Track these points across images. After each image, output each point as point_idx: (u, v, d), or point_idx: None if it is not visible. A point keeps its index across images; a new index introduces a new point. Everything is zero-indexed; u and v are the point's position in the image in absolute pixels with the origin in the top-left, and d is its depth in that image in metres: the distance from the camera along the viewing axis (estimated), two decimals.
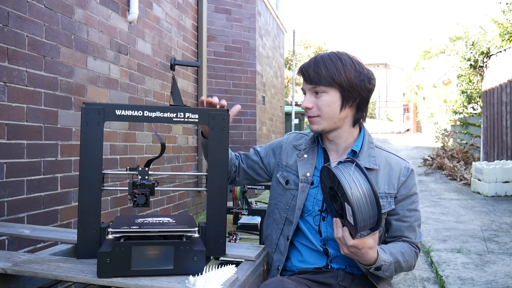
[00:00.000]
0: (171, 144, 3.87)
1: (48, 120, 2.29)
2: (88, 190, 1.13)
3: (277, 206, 1.41)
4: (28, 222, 2.14)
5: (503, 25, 8.68)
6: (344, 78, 1.26)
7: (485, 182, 6.05)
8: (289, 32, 9.80)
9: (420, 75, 23.61)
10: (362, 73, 1.29)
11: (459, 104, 10.83)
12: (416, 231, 1.34)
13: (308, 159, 1.37)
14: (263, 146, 1.54)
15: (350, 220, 1.07)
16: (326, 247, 1.32)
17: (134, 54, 3.24)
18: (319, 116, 1.30)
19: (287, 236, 1.35)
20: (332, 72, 1.26)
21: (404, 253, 1.28)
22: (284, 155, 1.44)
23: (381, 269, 1.19)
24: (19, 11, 2.09)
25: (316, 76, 1.27)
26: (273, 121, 7.33)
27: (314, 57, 1.33)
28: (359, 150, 1.33)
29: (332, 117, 1.30)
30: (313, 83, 1.28)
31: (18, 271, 1.04)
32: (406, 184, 1.32)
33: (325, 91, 1.28)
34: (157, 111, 1.17)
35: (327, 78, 1.26)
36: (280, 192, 1.41)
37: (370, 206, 1.05)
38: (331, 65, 1.27)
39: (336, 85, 1.27)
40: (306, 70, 1.30)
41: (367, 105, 1.35)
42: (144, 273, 1.01)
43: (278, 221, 1.39)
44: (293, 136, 1.49)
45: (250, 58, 5.86)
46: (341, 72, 1.26)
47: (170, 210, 3.83)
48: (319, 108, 1.30)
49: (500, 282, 2.75)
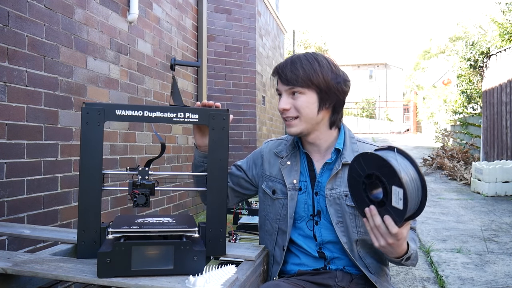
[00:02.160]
0: (171, 144, 3.87)
1: (48, 120, 2.29)
2: (88, 190, 1.13)
3: (268, 217, 1.39)
4: (28, 222, 2.14)
5: (503, 25, 8.68)
6: (322, 79, 1.24)
7: (485, 182, 6.06)
8: (289, 32, 9.80)
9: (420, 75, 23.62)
10: (339, 74, 1.27)
11: (459, 104, 10.83)
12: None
13: (292, 166, 1.34)
14: (243, 160, 1.50)
15: (397, 206, 1.01)
16: (322, 251, 1.31)
17: (134, 54, 3.24)
18: (297, 117, 1.28)
19: (282, 246, 1.34)
20: (309, 73, 1.23)
21: (415, 239, 1.28)
22: (267, 164, 1.41)
23: (410, 258, 1.16)
24: (19, 11, 2.09)
25: (293, 76, 1.24)
26: (273, 121, 7.33)
27: (290, 57, 1.30)
28: (342, 147, 1.31)
29: (311, 118, 1.27)
30: (290, 83, 1.25)
31: (18, 271, 1.04)
32: None
33: (302, 92, 1.25)
34: (157, 111, 1.17)
35: (304, 79, 1.24)
36: (268, 203, 1.39)
37: (417, 191, 1.02)
38: (308, 66, 1.24)
39: (313, 86, 1.24)
40: (282, 71, 1.27)
41: (342, 107, 1.33)
42: (144, 273, 1.01)
43: (271, 232, 1.37)
44: (271, 143, 1.45)
45: (250, 58, 5.86)
46: (318, 73, 1.24)
47: (170, 210, 3.83)
48: (297, 109, 1.27)
49: (500, 282, 2.75)
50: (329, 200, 1.28)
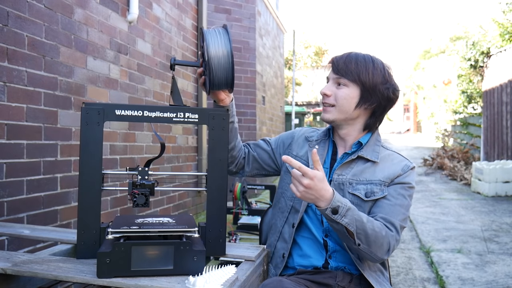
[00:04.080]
0: (171, 144, 3.87)
1: (48, 120, 2.29)
2: (88, 190, 1.13)
3: (284, 195, 1.41)
4: (28, 222, 2.13)
5: (503, 25, 8.67)
6: (370, 78, 1.29)
7: (485, 182, 6.05)
8: (289, 32, 9.80)
9: (420, 75, 23.62)
10: (389, 82, 1.32)
11: (459, 104, 10.84)
12: (398, 213, 1.26)
13: (319, 150, 1.39)
14: (273, 138, 1.55)
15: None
16: (327, 239, 1.32)
17: (134, 54, 3.23)
18: (333, 106, 1.33)
19: (293, 223, 1.35)
20: (360, 69, 1.29)
21: (372, 221, 1.19)
22: (295, 146, 1.46)
23: (338, 212, 1.12)
24: (19, 11, 2.09)
25: (344, 68, 1.30)
26: (273, 121, 7.32)
27: (349, 52, 1.36)
28: (365, 142, 1.35)
29: (346, 111, 1.32)
30: (339, 73, 1.31)
31: (17, 271, 1.04)
32: (403, 176, 1.31)
33: (346, 85, 1.31)
34: (157, 111, 1.17)
35: (353, 73, 1.29)
36: (288, 181, 1.41)
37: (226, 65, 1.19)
38: (362, 64, 1.30)
39: (359, 82, 1.29)
40: (337, 61, 1.33)
41: (382, 114, 1.36)
42: (144, 273, 1.01)
43: (284, 209, 1.40)
44: (305, 129, 1.52)
45: (250, 58, 5.86)
46: (369, 72, 1.29)
47: (170, 210, 3.83)
48: (336, 98, 1.32)
49: (500, 282, 2.75)
50: (334, 184, 1.32)
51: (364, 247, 1.18)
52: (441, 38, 22.64)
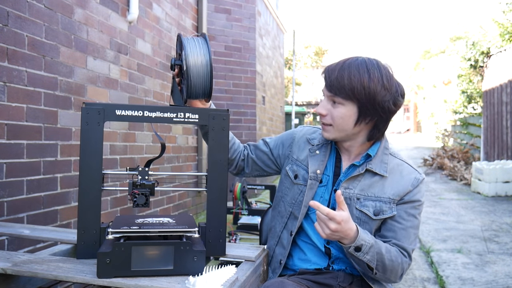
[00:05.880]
0: (171, 144, 3.87)
1: (48, 120, 2.29)
2: (88, 190, 1.13)
3: (283, 199, 1.39)
4: (28, 222, 2.13)
5: (503, 25, 8.68)
6: (367, 93, 1.18)
7: (485, 182, 6.05)
8: (289, 32, 9.80)
9: (420, 75, 23.62)
10: (389, 91, 1.20)
11: (459, 104, 10.84)
12: (410, 237, 1.26)
13: (320, 156, 1.34)
14: (272, 137, 1.51)
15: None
16: (329, 246, 1.30)
17: (134, 54, 3.23)
18: (331, 125, 1.26)
19: (291, 231, 1.34)
20: (354, 85, 1.18)
21: (390, 250, 1.20)
22: (296, 148, 1.40)
23: (361, 250, 1.13)
24: (19, 11, 2.09)
25: (337, 85, 1.20)
26: (273, 121, 7.32)
27: (342, 62, 1.24)
28: (374, 154, 1.29)
29: (345, 130, 1.25)
30: (332, 91, 1.22)
31: (17, 271, 1.04)
32: (413, 192, 1.28)
33: (342, 103, 1.22)
34: (157, 111, 1.17)
35: (347, 90, 1.19)
36: (287, 185, 1.38)
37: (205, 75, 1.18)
38: (356, 77, 1.18)
39: (355, 99, 1.19)
40: (329, 75, 1.23)
41: (386, 125, 1.27)
42: (144, 273, 1.01)
43: (283, 214, 1.38)
44: (306, 129, 1.45)
45: (250, 58, 5.86)
46: (365, 86, 1.18)
47: (170, 210, 3.83)
48: (332, 118, 1.25)
49: (501, 282, 2.75)
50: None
51: (380, 275, 1.21)
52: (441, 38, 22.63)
